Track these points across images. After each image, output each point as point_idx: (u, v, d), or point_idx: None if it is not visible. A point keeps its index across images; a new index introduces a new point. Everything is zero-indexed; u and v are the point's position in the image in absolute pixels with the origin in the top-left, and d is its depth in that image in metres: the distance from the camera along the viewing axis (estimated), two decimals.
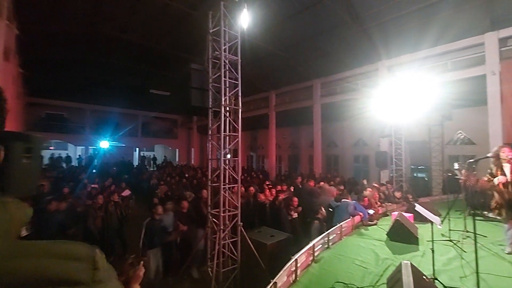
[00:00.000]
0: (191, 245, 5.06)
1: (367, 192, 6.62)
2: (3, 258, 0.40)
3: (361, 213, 5.57)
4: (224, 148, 4.51)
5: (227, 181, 4.49)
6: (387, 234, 4.77)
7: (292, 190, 8.13)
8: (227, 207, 4.50)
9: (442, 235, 4.65)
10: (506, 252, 3.96)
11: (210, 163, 4.47)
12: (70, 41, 10.76)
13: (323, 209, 5.74)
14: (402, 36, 9.97)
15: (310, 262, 3.79)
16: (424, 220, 4.33)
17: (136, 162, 22.22)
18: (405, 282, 2.34)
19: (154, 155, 24.35)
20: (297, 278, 3.32)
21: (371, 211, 5.90)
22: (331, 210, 5.67)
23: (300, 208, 5.80)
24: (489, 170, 4.00)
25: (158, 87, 15.94)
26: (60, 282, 0.42)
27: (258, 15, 7.90)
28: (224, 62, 4.58)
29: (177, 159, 24.69)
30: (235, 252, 4.44)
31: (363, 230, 5.32)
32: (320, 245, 4.23)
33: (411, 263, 2.76)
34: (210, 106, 4.61)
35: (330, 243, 4.45)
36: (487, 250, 4.08)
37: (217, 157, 4.58)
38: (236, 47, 4.72)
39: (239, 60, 4.69)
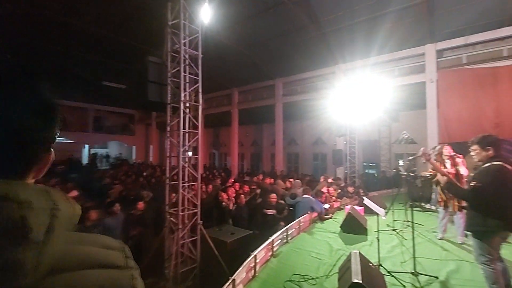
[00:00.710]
0: (146, 249, 4.81)
1: (320, 184, 6.99)
2: (69, 243, 0.52)
3: (320, 209, 5.86)
4: (184, 145, 4.37)
5: (186, 179, 4.36)
6: (340, 227, 5.11)
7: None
8: (186, 206, 4.37)
9: (388, 225, 5.14)
10: (438, 238, 4.52)
11: (168, 161, 4.29)
12: (5, 22, 9.40)
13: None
14: (355, 42, 10.70)
15: (269, 257, 3.88)
16: (373, 212, 4.75)
17: (86, 160, 20.36)
18: (353, 270, 2.53)
19: (107, 152, 22.58)
20: (256, 274, 3.37)
21: (327, 206, 6.25)
22: (291, 208, 5.86)
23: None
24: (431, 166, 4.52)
25: (113, 79, 14.79)
26: (105, 265, 0.53)
27: (221, 11, 7.78)
28: (184, 56, 4.42)
29: (133, 157, 23.22)
30: (194, 251, 4.35)
31: (320, 224, 5.62)
32: (279, 240, 4.35)
33: (359, 252, 2.99)
34: (169, 102, 4.42)
35: (289, 238, 4.61)
36: (423, 237, 4.62)
37: (177, 155, 4.41)
38: (197, 41, 4.59)
39: (200, 55, 4.57)
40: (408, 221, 5.08)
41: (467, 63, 9.67)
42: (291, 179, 9.01)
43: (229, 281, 2.83)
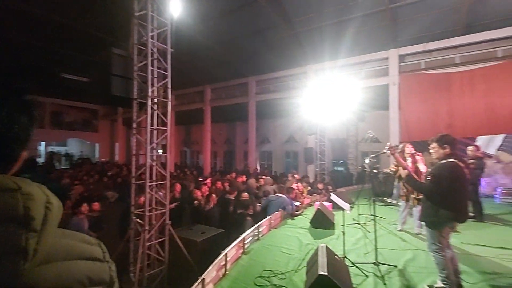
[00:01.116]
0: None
1: (289, 181, 7.15)
2: (56, 235, 0.56)
3: (290, 206, 5.96)
4: (152, 143, 4.18)
5: (154, 178, 4.18)
6: (310, 222, 5.26)
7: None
8: (154, 206, 4.20)
9: (353, 219, 5.40)
10: (398, 229, 4.86)
11: (133, 159, 4.08)
12: None
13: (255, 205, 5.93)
14: (325, 44, 11.06)
15: (240, 255, 3.88)
16: (340, 207, 4.97)
17: (42, 159, 18.70)
18: (320, 263, 2.62)
19: (66, 150, 20.93)
20: (227, 272, 3.35)
21: (297, 203, 6.40)
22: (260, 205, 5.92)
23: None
24: (394, 162, 4.82)
25: (74, 72, 13.71)
26: (88, 257, 0.59)
27: (193, 6, 7.58)
28: (152, 50, 4.23)
29: (97, 155, 21.78)
30: (162, 253, 4.20)
31: (290, 220, 5.74)
32: (251, 238, 4.37)
33: (326, 246, 3.10)
34: (135, 97, 4.19)
35: (260, 235, 4.65)
36: (385, 229, 4.93)
37: (145, 153, 4.21)
38: (165, 35, 4.41)
39: (169, 49, 4.40)
40: (372, 215, 5.40)
41: (425, 68, 10.47)
42: (263, 176, 9.09)
43: (198, 280, 2.77)
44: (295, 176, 8.65)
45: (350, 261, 3.40)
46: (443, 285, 2.68)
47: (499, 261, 3.48)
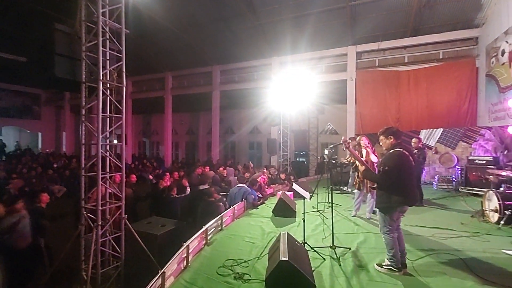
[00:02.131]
0: (58, 251, 4.13)
1: (257, 174, 7.25)
2: None
3: (252, 195, 6.03)
4: (104, 131, 3.83)
5: (107, 170, 3.86)
6: (272, 211, 5.40)
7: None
8: (107, 200, 3.89)
9: (313, 207, 5.68)
10: (352, 215, 5.24)
11: (83, 149, 3.70)
12: None
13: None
14: (289, 37, 11.22)
15: (202, 246, 3.82)
16: (301, 196, 5.17)
17: None
18: (281, 249, 2.71)
19: (1, 140, 18.30)
20: (189, 264, 3.28)
21: (259, 195, 6.51)
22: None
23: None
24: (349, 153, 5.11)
25: (8, 50, 11.87)
26: None
27: None
28: (103, 29, 3.81)
29: (39, 146, 19.44)
30: (118, 249, 3.95)
31: (254, 210, 5.82)
32: (214, 228, 4.33)
33: (287, 233, 3.21)
34: (84, 80, 3.77)
35: (223, 225, 4.63)
36: (341, 215, 5.29)
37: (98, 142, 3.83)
38: (119, 13, 4.01)
39: (123, 30, 4.02)
40: (329, 202, 5.73)
41: (379, 66, 11.27)
42: (228, 167, 9.00)
43: (158, 274, 2.67)
44: (265, 170, 8.73)
45: (309, 246, 3.58)
46: (389, 263, 2.97)
47: (435, 240, 3.97)
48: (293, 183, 4.69)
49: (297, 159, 13.68)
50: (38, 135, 19.67)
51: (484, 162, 6.96)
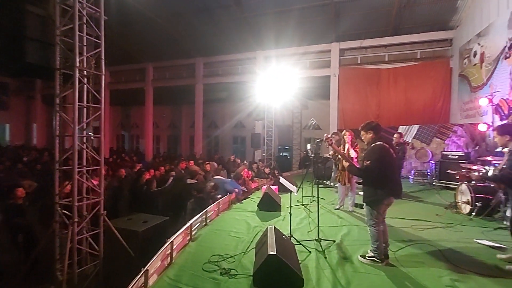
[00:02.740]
0: (30, 250, 3.86)
1: (240, 167, 7.21)
2: None
3: (236, 189, 5.99)
4: (80, 122, 3.60)
5: (84, 163, 3.64)
6: (257, 206, 5.38)
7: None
8: (84, 195, 3.68)
9: (297, 201, 5.73)
10: (335, 208, 5.35)
11: (57, 141, 3.45)
12: None
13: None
14: (275, 31, 11.14)
15: (187, 242, 3.73)
16: (286, 190, 5.20)
17: None
18: (269, 243, 2.69)
19: None
20: (173, 261, 3.18)
21: (244, 189, 6.48)
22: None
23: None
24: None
25: None
26: None
27: None
28: (80, 12, 3.54)
29: (7, 138, 18.09)
30: (96, 246, 3.76)
31: (238, 204, 5.78)
32: (198, 224, 4.24)
33: (274, 227, 3.20)
34: (58, 67, 3.50)
35: (208, 220, 4.55)
36: (325, 209, 5.37)
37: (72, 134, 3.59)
38: None
39: (102, 14, 3.76)
40: (314, 196, 5.82)
41: (361, 63, 11.52)
42: (212, 163, 8.86)
43: (141, 273, 2.56)
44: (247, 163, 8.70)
45: (295, 239, 3.60)
46: (373, 254, 3.06)
47: (413, 231, 4.15)
48: (280, 177, 4.69)
49: (281, 154, 13.79)
50: (6, 127, 18.27)
51: (456, 157, 7.35)
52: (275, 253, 2.50)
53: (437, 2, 9.15)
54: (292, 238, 3.59)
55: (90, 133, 4.12)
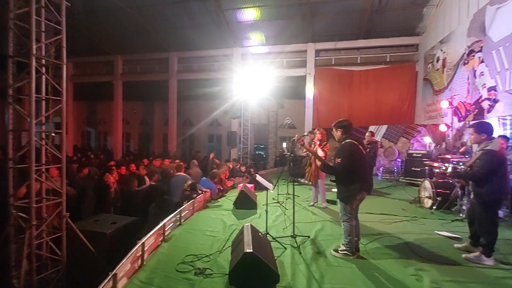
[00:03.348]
0: None
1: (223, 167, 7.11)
2: None
3: (208, 190, 5.81)
4: (38, 116, 3.28)
5: (43, 161, 3.33)
6: (233, 204, 5.33)
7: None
8: (44, 196, 3.37)
9: (273, 198, 5.77)
10: (310, 205, 5.46)
11: (10, 137, 3.12)
12: None
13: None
14: (251, 28, 11.11)
15: (160, 243, 3.58)
16: (262, 188, 5.20)
17: None
18: (246, 241, 2.66)
19: None
20: (144, 263, 3.03)
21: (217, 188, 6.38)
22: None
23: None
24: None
25: None
26: None
27: None
28: None
29: None
30: (58, 251, 3.47)
31: (214, 203, 5.68)
32: (172, 224, 4.09)
33: (250, 225, 3.18)
34: (11, 54, 3.15)
35: (182, 220, 4.41)
36: (299, 206, 5.46)
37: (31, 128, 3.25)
38: None
39: (64, 1, 3.45)
40: (289, 194, 5.89)
41: (335, 64, 11.89)
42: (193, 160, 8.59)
43: (109, 277, 2.40)
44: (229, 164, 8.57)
45: (271, 236, 3.61)
46: (345, 248, 3.16)
47: (381, 225, 4.36)
48: (256, 175, 4.68)
49: (257, 152, 13.83)
50: None
51: (420, 155, 7.88)
52: (251, 250, 2.47)
53: (405, 9, 9.70)
54: (268, 235, 3.60)
55: (50, 129, 3.78)
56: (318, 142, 5.11)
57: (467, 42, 7.16)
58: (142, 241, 3.06)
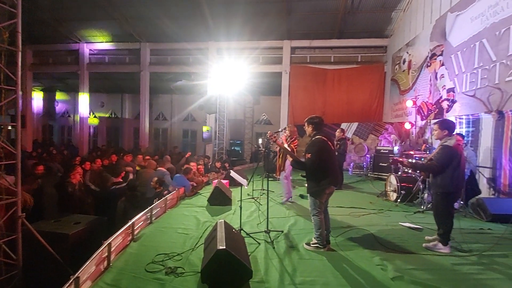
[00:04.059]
0: None
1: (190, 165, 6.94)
2: None
3: (182, 187, 5.67)
4: None
5: None
6: (208, 200, 5.26)
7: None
8: None
9: (248, 194, 5.79)
10: (282, 201, 5.53)
11: None
12: None
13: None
14: (228, 23, 10.92)
15: (128, 243, 3.43)
16: (236, 184, 5.18)
17: None
18: (219, 237, 2.63)
19: None
20: (111, 264, 2.88)
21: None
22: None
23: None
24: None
25: None
26: None
27: None
28: None
29: None
30: (13, 254, 3.19)
31: (187, 200, 5.56)
32: (142, 222, 3.93)
33: (224, 221, 3.15)
34: None
35: (153, 218, 4.26)
36: (274, 201, 5.54)
37: None
38: None
39: None
40: (264, 189, 5.94)
41: (310, 62, 12.12)
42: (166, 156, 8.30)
43: (70, 280, 2.24)
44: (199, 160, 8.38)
45: (245, 232, 3.62)
46: (316, 241, 3.26)
47: (350, 218, 4.57)
48: (230, 171, 4.65)
49: (232, 148, 13.74)
50: None
51: (387, 151, 8.35)
52: (224, 247, 2.45)
53: (376, 12, 10.12)
54: (242, 231, 3.60)
55: (3, 121, 3.43)
56: (285, 138, 5.20)
57: (430, 46, 7.66)
58: (109, 241, 2.91)
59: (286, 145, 5.04)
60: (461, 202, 4.79)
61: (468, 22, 6.02)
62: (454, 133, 3.46)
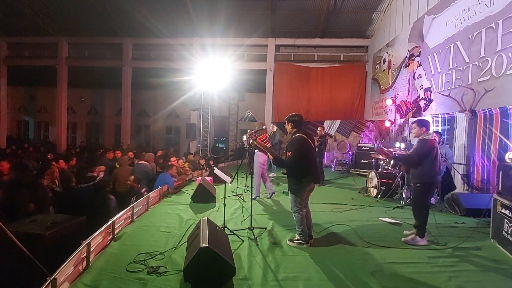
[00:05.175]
0: None
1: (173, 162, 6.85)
2: None
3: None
4: None
5: None
6: (191, 198, 5.21)
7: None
8: None
9: (232, 191, 5.79)
10: (267, 197, 5.59)
11: None
12: None
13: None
14: (212, 19, 10.78)
15: (108, 242, 3.34)
16: (220, 181, 5.17)
17: None
18: (202, 235, 2.62)
19: None
20: (90, 264, 2.80)
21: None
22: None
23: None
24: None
25: None
26: None
27: None
28: None
29: None
30: None
31: (170, 197, 5.48)
32: (123, 221, 3.84)
33: (207, 218, 3.14)
34: None
35: (135, 216, 4.17)
36: (258, 198, 5.56)
37: None
38: None
39: None
40: (248, 186, 5.97)
41: (294, 60, 12.23)
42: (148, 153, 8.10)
43: (47, 282, 2.17)
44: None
45: (229, 229, 3.62)
46: (299, 238, 3.32)
47: (333, 213, 4.69)
48: (214, 168, 4.63)
49: (217, 145, 13.65)
50: None
51: (368, 148, 8.62)
52: (207, 245, 2.45)
53: (357, 12, 10.35)
54: (225, 228, 3.60)
55: None
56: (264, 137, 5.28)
57: (408, 47, 7.95)
58: (88, 241, 2.83)
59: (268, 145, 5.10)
60: (438, 197, 5.03)
61: (444, 25, 6.29)
62: (431, 131, 3.68)
